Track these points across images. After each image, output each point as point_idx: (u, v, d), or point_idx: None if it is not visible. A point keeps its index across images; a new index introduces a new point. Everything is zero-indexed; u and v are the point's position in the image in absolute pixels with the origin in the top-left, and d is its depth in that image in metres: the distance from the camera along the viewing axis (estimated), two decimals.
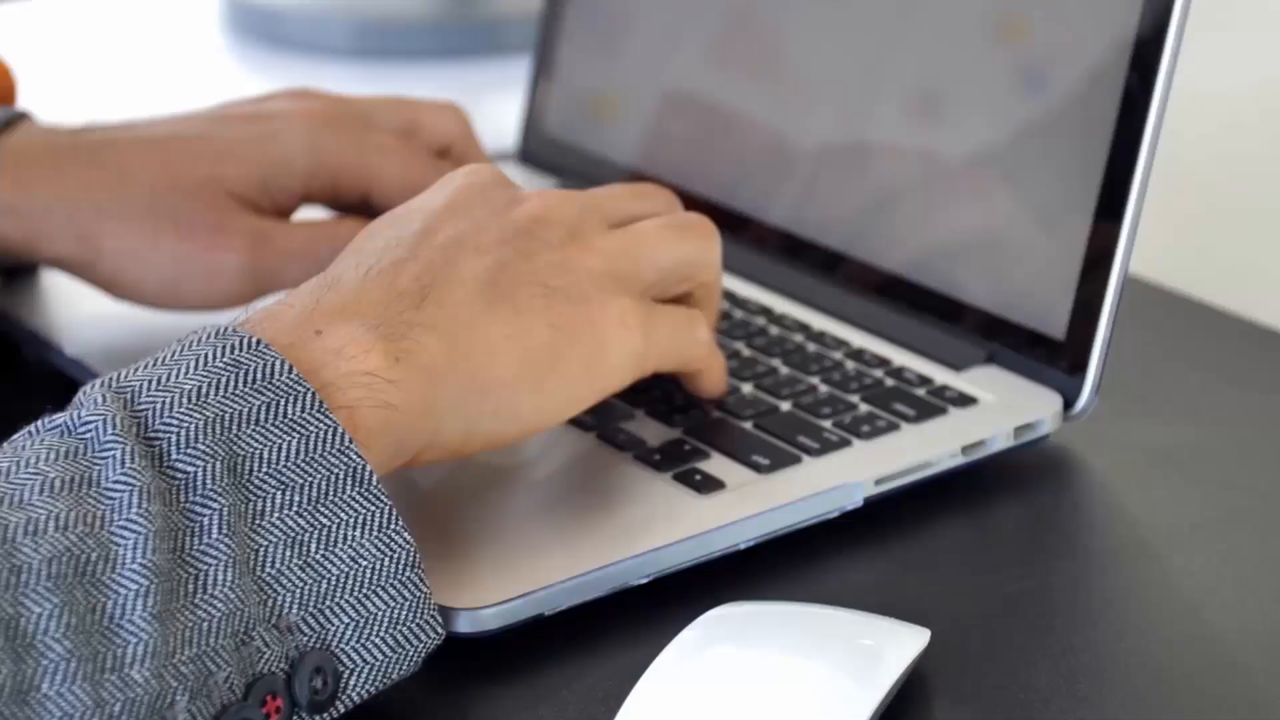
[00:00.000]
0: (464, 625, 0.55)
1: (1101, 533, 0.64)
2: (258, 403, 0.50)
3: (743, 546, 0.59)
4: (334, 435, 0.51)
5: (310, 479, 0.50)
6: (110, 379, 0.51)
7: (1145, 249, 0.65)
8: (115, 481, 0.48)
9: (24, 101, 0.78)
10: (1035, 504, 0.64)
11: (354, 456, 0.51)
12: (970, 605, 0.58)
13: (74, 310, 0.74)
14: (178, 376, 0.50)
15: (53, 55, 1.13)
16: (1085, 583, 0.61)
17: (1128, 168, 0.64)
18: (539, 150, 0.86)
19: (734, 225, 0.76)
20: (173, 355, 0.51)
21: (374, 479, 0.51)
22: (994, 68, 0.69)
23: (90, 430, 0.49)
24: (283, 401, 0.50)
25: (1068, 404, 0.65)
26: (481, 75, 1.10)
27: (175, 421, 0.49)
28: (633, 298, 0.59)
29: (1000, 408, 0.65)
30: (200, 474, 0.49)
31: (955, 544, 0.62)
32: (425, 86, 1.05)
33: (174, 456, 0.49)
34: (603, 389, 0.59)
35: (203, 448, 0.49)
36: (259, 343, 0.51)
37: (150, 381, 0.50)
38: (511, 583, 0.56)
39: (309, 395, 0.51)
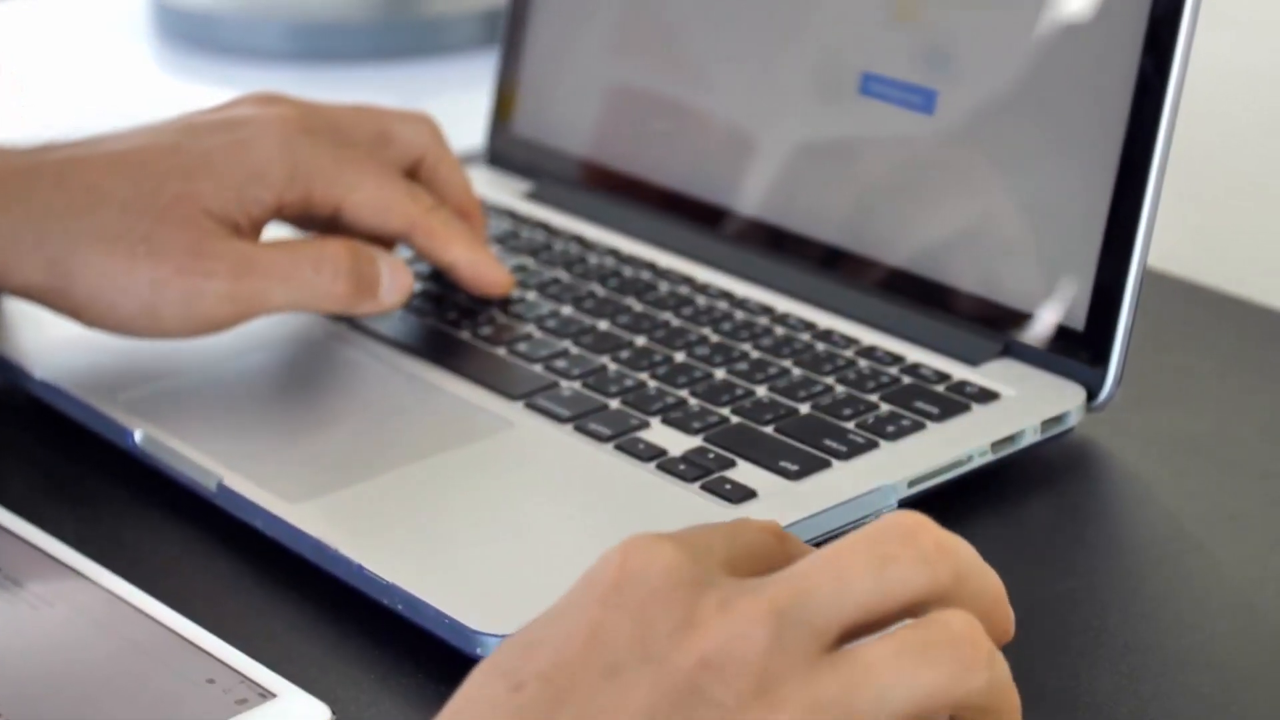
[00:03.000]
0: (492, 650, 0.52)
1: (1140, 526, 0.63)
2: None
3: None
4: None
5: None
6: None
7: (1156, 238, 0.64)
8: None
9: None
10: (1068, 498, 0.63)
11: None
12: (1020, 605, 0.56)
13: (41, 332, 0.70)
14: None
15: None
16: (1132, 578, 0.59)
17: (1145, 153, 0.63)
18: (507, 151, 0.83)
19: (729, 221, 0.74)
20: None
21: None
22: (1009, 51, 0.67)
23: None
24: None
25: (1090, 395, 0.64)
26: (421, 76, 1.07)
27: None
28: None
29: (1024, 401, 0.64)
30: None
31: (994, 543, 0.60)
32: (363, 89, 1.02)
33: None
34: None
35: None
36: None
37: None
38: (541, 604, 0.53)
39: None
